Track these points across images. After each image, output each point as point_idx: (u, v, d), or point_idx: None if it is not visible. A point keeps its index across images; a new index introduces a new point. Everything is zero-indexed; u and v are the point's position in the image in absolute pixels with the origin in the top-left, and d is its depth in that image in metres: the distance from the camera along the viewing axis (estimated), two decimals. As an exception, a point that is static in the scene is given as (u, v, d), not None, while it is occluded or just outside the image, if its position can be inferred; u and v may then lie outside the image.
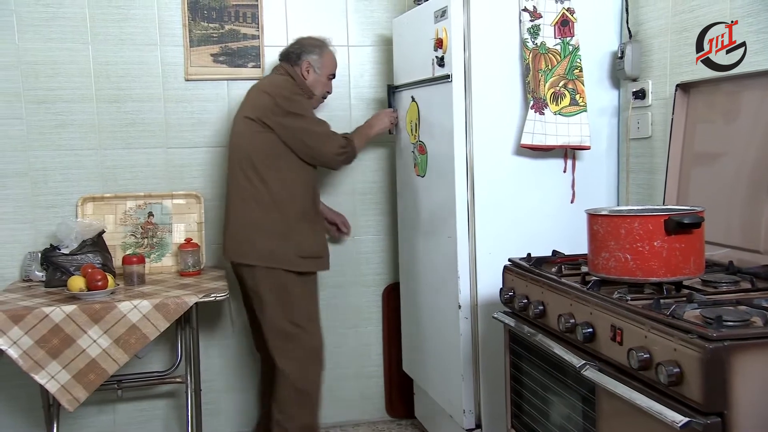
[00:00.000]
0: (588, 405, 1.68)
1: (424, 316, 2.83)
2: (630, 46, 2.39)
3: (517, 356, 2.09)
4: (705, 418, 1.29)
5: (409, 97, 2.82)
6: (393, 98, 3.00)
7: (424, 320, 2.83)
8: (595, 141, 2.47)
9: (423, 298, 2.82)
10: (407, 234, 2.99)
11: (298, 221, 2.66)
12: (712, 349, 1.27)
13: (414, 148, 2.80)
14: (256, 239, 2.64)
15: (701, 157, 2.09)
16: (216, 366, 3.16)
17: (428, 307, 2.77)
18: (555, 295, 1.83)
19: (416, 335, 2.94)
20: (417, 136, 2.76)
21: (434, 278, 2.68)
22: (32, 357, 2.38)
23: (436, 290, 2.66)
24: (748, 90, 1.93)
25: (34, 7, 2.88)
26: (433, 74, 2.56)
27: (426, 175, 2.71)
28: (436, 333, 2.69)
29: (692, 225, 1.62)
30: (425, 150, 2.69)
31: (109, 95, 2.98)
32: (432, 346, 2.76)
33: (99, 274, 2.52)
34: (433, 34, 2.52)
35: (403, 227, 3.06)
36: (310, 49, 2.77)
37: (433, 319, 2.72)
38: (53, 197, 2.96)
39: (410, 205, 2.91)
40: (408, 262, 3.00)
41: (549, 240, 2.33)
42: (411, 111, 2.81)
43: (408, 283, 3.02)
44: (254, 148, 2.65)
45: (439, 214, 2.60)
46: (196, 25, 3.03)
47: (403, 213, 3.04)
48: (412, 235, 2.92)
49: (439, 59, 2.49)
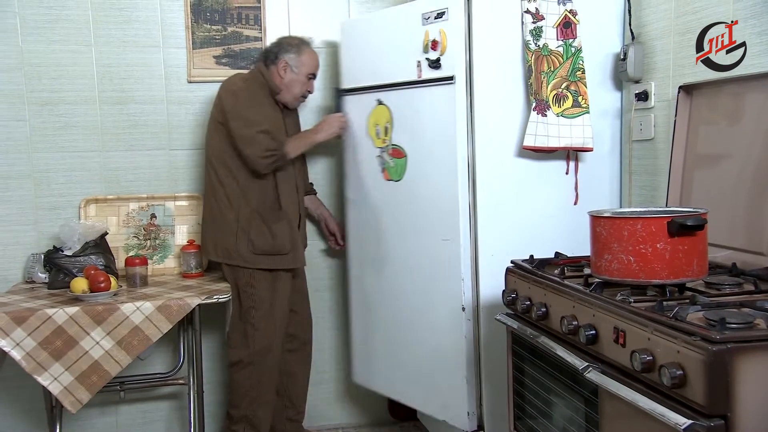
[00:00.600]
0: (591, 407, 1.68)
1: (405, 322, 2.71)
2: (632, 48, 2.39)
3: (519, 358, 2.08)
4: (708, 421, 1.29)
5: (372, 100, 2.74)
6: (341, 102, 2.89)
7: (404, 327, 2.71)
8: (597, 143, 2.47)
9: (404, 303, 2.70)
10: (366, 241, 2.85)
11: (252, 219, 2.71)
12: (716, 352, 1.27)
13: (382, 153, 2.73)
14: (216, 237, 2.75)
15: (704, 159, 2.09)
16: (218, 368, 3.16)
17: (415, 312, 2.66)
18: (558, 297, 1.83)
19: (383, 344, 2.82)
20: (388, 139, 2.70)
21: (424, 281, 2.60)
22: (35, 359, 2.38)
23: (429, 293, 2.59)
24: (750, 92, 1.92)
25: (37, 9, 2.89)
26: (419, 76, 2.53)
27: (404, 179, 2.65)
28: (429, 338, 2.61)
29: (695, 227, 1.61)
30: (403, 153, 2.64)
31: (112, 97, 2.99)
32: (419, 353, 2.66)
33: (102, 276, 2.53)
34: (422, 36, 2.49)
35: (357, 235, 2.92)
36: (288, 48, 2.78)
37: (423, 323, 2.62)
38: (56, 199, 2.96)
39: (374, 211, 2.79)
40: (366, 269, 2.88)
41: (551, 242, 2.33)
42: (376, 114, 2.74)
43: (364, 292, 2.90)
44: (212, 147, 2.77)
45: (428, 217, 2.56)
46: (199, 27, 3.03)
47: (358, 219, 2.90)
48: (376, 241, 2.79)
49: (432, 61, 2.47)
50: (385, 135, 2.71)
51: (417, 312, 2.65)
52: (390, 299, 2.77)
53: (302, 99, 2.88)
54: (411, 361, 2.70)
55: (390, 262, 2.75)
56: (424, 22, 2.49)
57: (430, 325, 2.60)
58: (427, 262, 2.58)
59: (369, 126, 2.78)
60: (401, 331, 2.73)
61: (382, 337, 2.83)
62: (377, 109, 2.73)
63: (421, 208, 2.60)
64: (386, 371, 2.83)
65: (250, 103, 2.70)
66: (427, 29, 2.48)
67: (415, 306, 2.65)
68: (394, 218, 2.72)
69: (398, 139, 2.66)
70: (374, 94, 2.74)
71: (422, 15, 2.50)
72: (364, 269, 2.89)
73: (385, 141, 2.71)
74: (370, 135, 2.78)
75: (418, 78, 2.55)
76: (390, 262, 2.75)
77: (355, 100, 2.83)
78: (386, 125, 2.70)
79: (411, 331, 2.69)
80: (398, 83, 2.63)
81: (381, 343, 2.84)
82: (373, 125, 2.77)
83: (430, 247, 2.56)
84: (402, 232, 2.69)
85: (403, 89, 2.62)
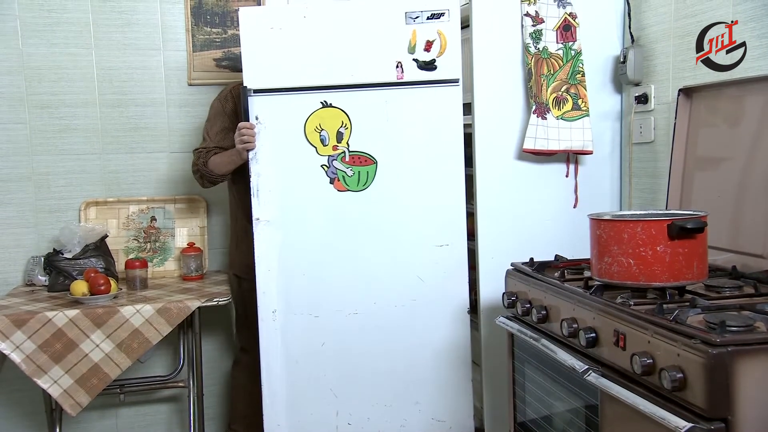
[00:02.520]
0: (591, 410, 1.68)
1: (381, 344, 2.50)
2: (632, 51, 2.39)
3: (519, 361, 2.08)
4: (709, 424, 1.28)
5: (316, 102, 2.45)
6: (248, 104, 2.45)
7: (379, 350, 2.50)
8: (597, 145, 2.47)
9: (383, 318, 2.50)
10: (295, 264, 2.49)
11: (247, 230, 2.58)
12: (716, 355, 1.27)
13: (332, 161, 2.46)
14: (229, 246, 2.83)
15: (704, 162, 2.09)
16: (218, 371, 3.16)
17: (398, 327, 2.50)
18: (558, 299, 1.83)
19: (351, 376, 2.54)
20: (342, 146, 2.46)
21: (412, 291, 2.49)
22: (35, 361, 2.38)
23: (419, 302, 2.49)
24: (750, 94, 1.92)
25: (38, 12, 2.89)
26: (399, 77, 2.42)
27: (370, 187, 2.45)
28: (435, 339, 2.54)
29: (695, 230, 1.61)
30: (372, 160, 2.45)
31: (112, 100, 2.99)
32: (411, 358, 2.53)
33: (102, 279, 2.53)
34: (407, 35, 2.40)
35: (278, 258, 2.49)
36: None
37: (420, 328, 2.51)
38: (56, 201, 2.96)
39: (312, 228, 2.48)
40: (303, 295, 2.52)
41: (552, 244, 2.33)
42: (321, 118, 2.46)
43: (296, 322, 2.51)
44: None
45: (413, 224, 2.45)
46: (199, 30, 3.04)
47: (284, 240, 2.49)
48: (317, 261, 2.49)
49: (425, 62, 2.42)
50: (337, 141, 2.46)
51: (403, 324, 2.50)
52: (353, 322, 2.50)
53: None
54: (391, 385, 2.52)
55: (353, 280, 2.49)
56: (409, 21, 2.39)
57: (421, 334, 2.51)
58: (417, 270, 2.48)
59: (307, 131, 2.47)
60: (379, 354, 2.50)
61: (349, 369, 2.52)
62: (321, 111, 2.46)
63: (400, 217, 2.46)
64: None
65: (211, 117, 2.74)
66: (415, 29, 2.40)
67: (401, 318, 2.50)
68: (357, 232, 2.47)
69: (362, 146, 2.45)
70: (315, 95, 2.45)
71: (406, 13, 2.39)
72: (299, 296, 2.50)
73: (338, 147, 2.46)
74: (310, 142, 2.46)
75: (398, 79, 2.42)
76: (353, 279, 2.49)
77: (280, 102, 2.46)
78: (339, 130, 2.46)
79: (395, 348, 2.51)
80: (363, 84, 2.42)
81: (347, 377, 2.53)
82: (314, 130, 2.46)
83: (422, 254, 2.47)
84: (372, 245, 2.48)
85: (369, 90, 2.42)
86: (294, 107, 2.45)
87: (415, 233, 2.47)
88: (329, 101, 2.45)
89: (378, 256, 2.48)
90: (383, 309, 2.49)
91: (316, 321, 2.50)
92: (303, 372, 2.51)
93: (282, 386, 2.51)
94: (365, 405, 2.52)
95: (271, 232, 2.48)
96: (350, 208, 2.46)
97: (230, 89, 2.74)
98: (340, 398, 2.52)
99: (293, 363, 2.51)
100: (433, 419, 2.56)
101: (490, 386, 2.47)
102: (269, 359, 2.50)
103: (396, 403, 2.53)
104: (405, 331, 2.51)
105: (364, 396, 2.52)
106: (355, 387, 2.52)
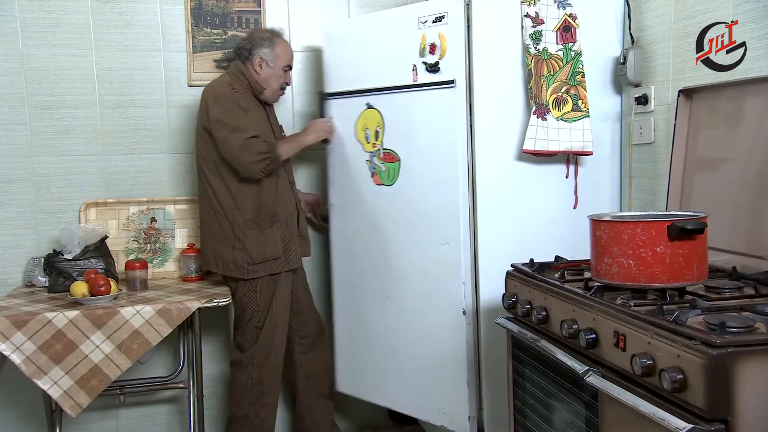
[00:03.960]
0: (591, 411, 1.67)
1: (402, 328, 2.68)
2: (632, 52, 2.40)
3: (519, 362, 2.08)
4: (709, 425, 1.28)
5: (362, 104, 2.72)
6: (324, 106, 2.87)
7: (401, 333, 2.68)
8: (597, 146, 2.47)
9: (402, 307, 2.68)
10: (354, 247, 2.82)
11: (246, 227, 2.67)
12: (716, 356, 1.27)
13: (372, 157, 2.71)
14: (216, 248, 2.73)
15: (704, 163, 2.09)
16: (218, 371, 3.16)
17: (414, 317, 2.64)
18: (558, 300, 1.83)
19: (375, 352, 2.79)
20: (379, 144, 2.67)
21: (423, 285, 2.59)
22: (35, 362, 2.38)
23: (429, 297, 2.58)
24: (750, 95, 1.93)
25: (38, 13, 2.89)
26: (414, 80, 2.52)
27: (396, 183, 2.64)
28: (429, 342, 2.60)
29: (695, 231, 1.61)
30: (396, 158, 2.63)
31: (112, 101, 2.99)
32: (418, 358, 2.64)
33: (102, 280, 2.53)
34: (418, 39, 2.49)
35: (343, 240, 2.88)
36: (261, 43, 2.73)
37: (423, 327, 2.61)
38: (56, 202, 2.96)
39: (364, 216, 2.76)
40: (354, 275, 2.84)
41: (552, 245, 2.33)
42: (366, 118, 2.72)
43: (351, 298, 2.86)
44: (201, 155, 2.73)
45: (424, 221, 2.54)
46: (199, 31, 3.04)
47: (345, 225, 2.86)
48: (367, 245, 2.76)
49: (430, 65, 2.47)
50: (375, 139, 2.69)
51: (416, 316, 2.63)
52: (385, 304, 2.73)
53: (281, 92, 2.84)
54: (408, 367, 2.68)
55: (385, 267, 2.71)
56: (420, 25, 2.48)
57: (430, 329, 2.59)
58: (427, 266, 2.57)
59: (357, 130, 2.76)
60: (398, 338, 2.71)
61: (374, 344, 2.79)
62: (366, 112, 2.71)
63: (416, 212, 2.58)
64: (378, 379, 2.81)
65: (237, 110, 2.63)
66: (424, 33, 2.47)
67: (414, 310, 2.63)
68: (387, 223, 2.69)
69: (390, 144, 2.64)
70: (363, 98, 2.71)
71: (419, 18, 2.49)
72: (351, 275, 2.85)
73: (376, 145, 2.69)
74: (358, 139, 2.76)
75: (413, 82, 2.54)
76: (385, 266, 2.71)
77: (342, 104, 2.80)
78: (377, 129, 2.68)
79: (409, 336, 2.67)
80: (391, 87, 2.61)
81: (372, 351, 2.81)
82: (361, 129, 2.74)
83: (430, 250, 2.55)
84: (396, 237, 2.66)
85: (395, 93, 2.60)
86: (349, 108, 2.77)
87: (423, 230, 2.57)
88: (371, 103, 2.69)
89: (400, 248, 2.66)
90: (403, 299, 2.67)
91: (362, 300, 2.82)
92: (360, 348, 2.86)
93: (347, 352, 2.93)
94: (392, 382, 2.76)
95: (338, 216, 2.90)
96: (383, 201, 2.70)
97: (228, 83, 2.68)
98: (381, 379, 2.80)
99: (354, 333, 2.88)
100: (438, 410, 2.58)
101: (490, 387, 2.47)
102: (339, 328, 2.94)
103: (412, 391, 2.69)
104: (416, 323, 2.64)
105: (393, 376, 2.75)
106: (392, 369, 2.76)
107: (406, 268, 2.64)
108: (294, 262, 2.80)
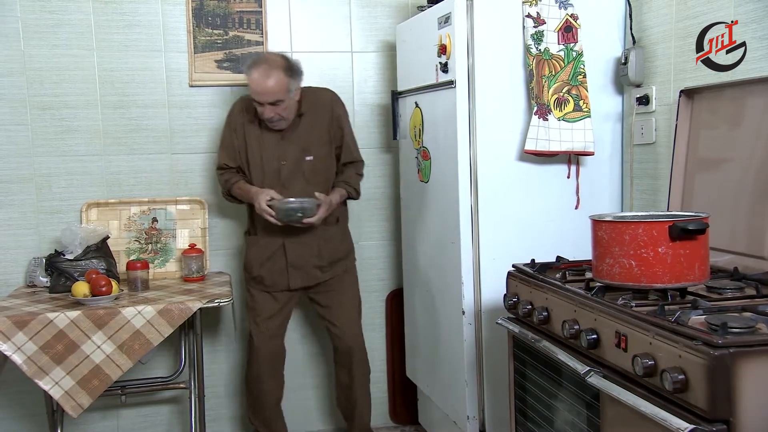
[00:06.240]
0: (592, 411, 1.67)
1: (428, 322, 2.82)
2: (634, 52, 2.39)
3: (521, 362, 2.08)
4: (710, 426, 1.28)
5: (413, 102, 2.83)
6: (397, 104, 3.00)
7: (428, 326, 2.82)
8: (598, 147, 2.47)
9: (427, 303, 2.81)
10: (411, 240, 2.99)
11: (246, 237, 2.90)
12: (718, 356, 1.27)
13: (418, 154, 2.81)
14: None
15: (705, 163, 2.09)
16: (220, 372, 3.16)
17: (432, 313, 2.76)
18: (559, 301, 1.83)
19: (419, 341, 2.94)
20: (421, 141, 2.77)
21: (439, 284, 2.67)
22: (36, 363, 2.38)
23: (441, 296, 2.65)
24: (751, 96, 1.92)
25: (39, 14, 2.90)
26: (437, 80, 2.56)
27: (430, 180, 2.71)
28: (440, 339, 2.69)
29: (697, 231, 1.61)
30: (429, 156, 2.70)
31: (113, 101, 3.00)
32: (436, 353, 2.75)
33: (103, 280, 2.53)
34: (437, 40, 2.52)
35: (406, 233, 3.06)
36: (245, 69, 2.65)
37: (438, 325, 2.71)
38: (58, 203, 2.97)
39: (414, 211, 2.91)
40: (411, 268, 3.00)
41: (553, 246, 2.33)
42: (415, 116, 2.82)
43: (411, 289, 3.02)
44: None
45: (443, 220, 2.60)
46: (201, 32, 3.04)
47: (407, 219, 3.04)
48: (415, 240, 2.92)
49: (442, 65, 2.49)
50: (419, 137, 2.80)
51: (431, 315, 2.74)
52: (418, 302, 2.91)
53: (271, 123, 2.65)
54: (435, 359, 2.79)
55: (420, 267, 2.87)
56: (438, 26, 2.52)
57: (434, 327, 2.62)
58: (445, 266, 2.62)
59: (410, 128, 2.90)
60: (426, 329, 2.85)
61: (422, 335, 2.92)
62: (415, 111, 2.83)
63: (442, 210, 2.63)
64: (423, 369, 2.97)
65: (224, 129, 2.85)
66: (440, 33, 2.50)
67: (427, 309, 2.76)
68: (424, 219, 2.81)
69: (427, 142, 2.74)
70: (414, 97, 2.84)
71: (437, 19, 2.53)
72: (414, 269, 2.98)
73: (419, 143, 2.80)
74: (411, 137, 2.90)
75: (435, 82, 2.58)
76: (420, 266, 2.86)
77: (404, 103, 2.97)
78: (420, 128, 2.78)
79: (434, 328, 2.77)
80: (425, 86, 2.70)
81: (421, 342, 2.94)
82: (412, 127, 2.87)
83: (445, 250, 2.59)
84: (428, 234, 2.77)
85: (427, 92, 2.69)
86: (408, 107, 2.91)
87: (435, 229, 2.67)
88: (418, 102, 2.80)
89: (428, 245, 2.78)
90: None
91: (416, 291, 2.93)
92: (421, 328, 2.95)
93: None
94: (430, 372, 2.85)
95: (404, 208, 3.09)
96: (422, 197, 2.81)
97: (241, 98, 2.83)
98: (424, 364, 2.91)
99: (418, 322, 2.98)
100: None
101: (491, 387, 2.47)
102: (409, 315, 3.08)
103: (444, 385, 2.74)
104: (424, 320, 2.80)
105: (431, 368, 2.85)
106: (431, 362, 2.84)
107: (429, 267, 2.79)
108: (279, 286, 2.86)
